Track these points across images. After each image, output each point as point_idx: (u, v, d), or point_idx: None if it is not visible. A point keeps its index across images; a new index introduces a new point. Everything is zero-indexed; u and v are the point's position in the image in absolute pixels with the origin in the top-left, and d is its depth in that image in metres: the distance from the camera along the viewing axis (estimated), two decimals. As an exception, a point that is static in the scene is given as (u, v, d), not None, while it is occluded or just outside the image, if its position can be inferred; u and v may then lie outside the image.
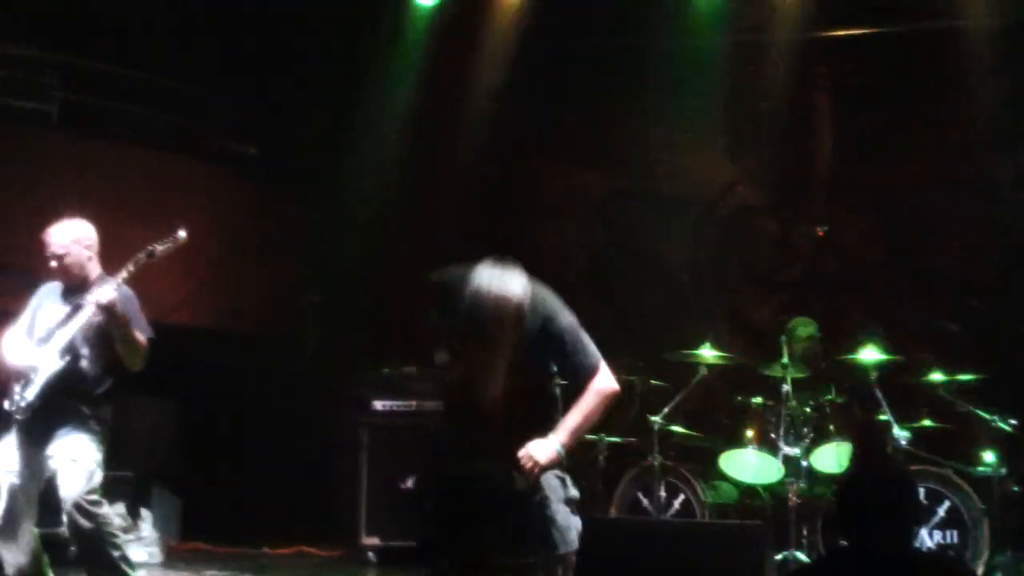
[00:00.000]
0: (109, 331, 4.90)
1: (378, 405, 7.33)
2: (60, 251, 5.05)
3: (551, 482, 4.51)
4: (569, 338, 4.37)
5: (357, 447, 7.31)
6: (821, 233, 7.26)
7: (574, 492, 4.69)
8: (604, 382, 4.39)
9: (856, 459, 5.84)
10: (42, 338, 4.99)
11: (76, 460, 4.83)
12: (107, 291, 4.80)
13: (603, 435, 6.59)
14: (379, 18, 8.59)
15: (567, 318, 4.40)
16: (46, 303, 5.12)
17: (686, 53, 8.39)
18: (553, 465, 4.30)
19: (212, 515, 8.10)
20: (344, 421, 7.64)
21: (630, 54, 8.64)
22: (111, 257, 5.14)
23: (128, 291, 4.98)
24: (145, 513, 7.45)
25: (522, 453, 4.29)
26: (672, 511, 6.41)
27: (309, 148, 9.14)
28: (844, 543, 5.78)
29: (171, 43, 8.30)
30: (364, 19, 8.57)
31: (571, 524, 4.49)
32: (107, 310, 4.79)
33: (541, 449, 4.27)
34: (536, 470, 4.25)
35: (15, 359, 4.97)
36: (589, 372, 4.37)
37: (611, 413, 6.66)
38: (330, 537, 7.69)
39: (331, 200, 8.82)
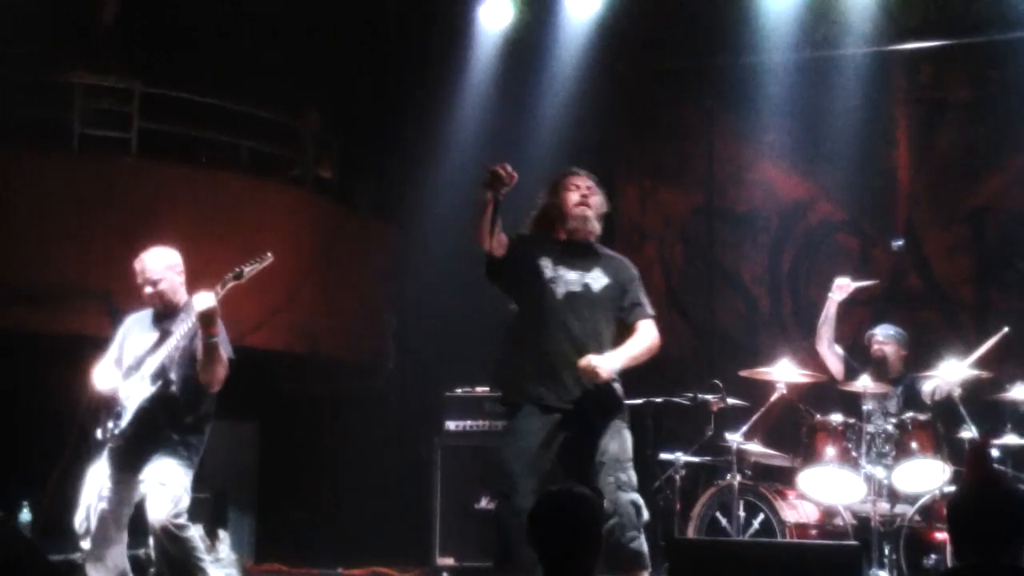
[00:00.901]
0: (196, 347, 4.94)
1: (451, 425, 7.34)
2: (156, 277, 5.10)
3: (628, 510, 4.71)
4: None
5: (430, 467, 7.32)
6: (895, 248, 7.15)
7: (646, 516, 4.76)
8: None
9: (968, 477, 5.68)
10: (132, 366, 5.07)
11: (165, 484, 4.91)
12: (207, 298, 4.83)
13: (680, 454, 6.55)
14: (452, 42, 8.64)
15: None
16: (133, 333, 5.19)
17: (760, 69, 8.37)
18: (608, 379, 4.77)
19: (287, 536, 8.18)
20: (417, 441, 7.67)
21: (706, 73, 8.63)
22: (191, 282, 5.20)
23: None
24: (223, 534, 7.54)
25: (583, 363, 4.71)
26: (751, 531, 6.33)
27: (388, 172, 9.23)
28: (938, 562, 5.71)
29: (249, 69, 8.41)
30: (439, 43, 8.64)
31: (645, 550, 4.77)
32: (206, 317, 4.83)
33: (602, 361, 4.72)
34: (593, 377, 4.72)
35: (108, 388, 5.05)
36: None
37: (688, 432, 6.73)
38: (405, 557, 7.70)
39: (409, 223, 8.88)
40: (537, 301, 4.89)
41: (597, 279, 4.96)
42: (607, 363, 4.77)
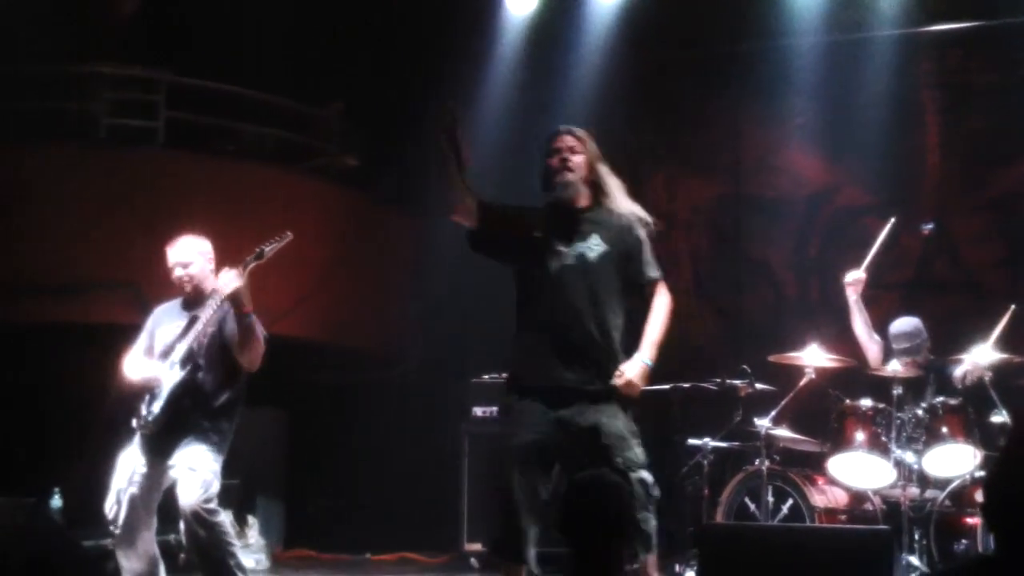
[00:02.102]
0: (226, 331, 4.95)
1: (478, 412, 7.34)
2: (187, 259, 5.12)
3: (637, 490, 4.50)
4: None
5: (458, 454, 7.34)
6: (926, 232, 7.08)
7: (657, 494, 4.65)
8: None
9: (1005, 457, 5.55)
10: (162, 353, 5.10)
11: (195, 469, 4.93)
12: (232, 278, 4.86)
13: (708, 440, 6.53)
14: (477, 30, 8.62)
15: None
16: (163, 322, 5.21)
17: (786, 54, 8.32)
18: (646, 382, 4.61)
19: (316, 522, 8.21)
20: (445, 428, 7.69)
21: (730, 58, 8.59)
22: (217, 272, 5.21)
23: None
24: (252, 520, 7.58)
25: (620, 382, 4.53)
26: (780, 516, 6.29)
27: (413, 160, 9.21)
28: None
29: (274, 58, 8.43)
30: (463, 30, 8.62)
31: (653, 531, 4.59)
32: (235, 297, 4.85)
33: (635, 371, 4.54)
34: (636, 392, 4.56)
35: (142, 376, 5.08)
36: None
37: (716, 418, 6.70)
38: (433, 543, 7.73)
39: (433, 211, 8.86)
40: (531, 276, 4.63)
41: (593, 248, 4.62)
42: (639, 367, 4.56)
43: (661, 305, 4.73)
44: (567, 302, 4.57)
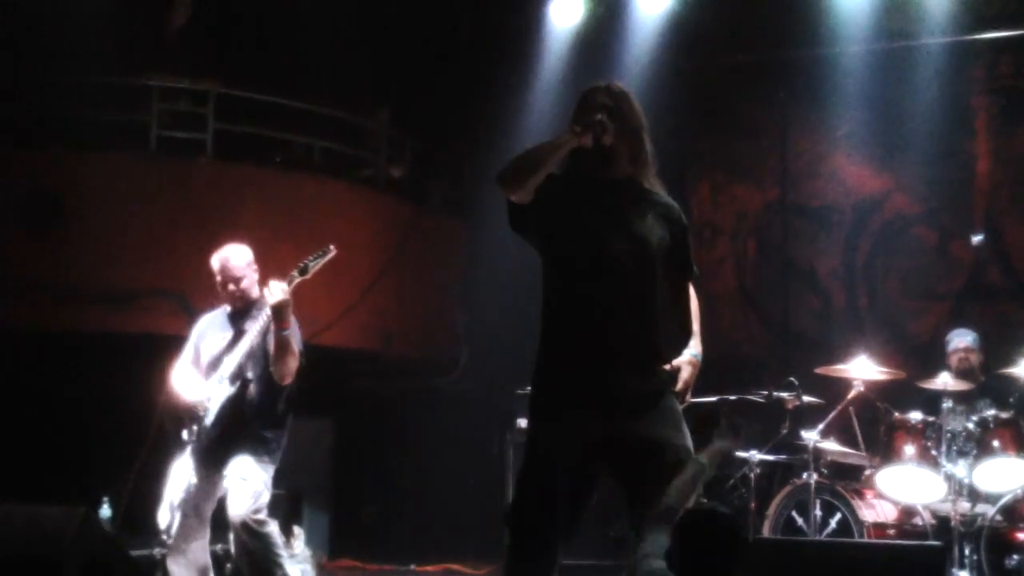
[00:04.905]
0: (269, 342, 4.98)
1: (522, 422, 7.32)
2: (239, 274, 5.13)
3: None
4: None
5: (503, 464, 7.33)
6: (976, 243, 7.00)
7: None
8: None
9: None
10: (210, 364, 5.13)
11: (246, 480, 4.96)
12: (279, 291, 4.88)
13: (755, 452, 6.48)
14: (523, 40, 8.63)
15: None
16: (208, 333, 5.23)
17: (835, 62, 8.27)
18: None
19: (361, 532, 8.23)
20: (490, 438, 7.68)
21: (778, 66, 8.54)
22: (263, 282, 5.22)
23: None
24: (298, 530, 7.60)
25: (682, 385, 3.84)
26: (828, 530, 6.24)
27: (459, 169, 9.25)
28: None
29: (322, 69, 8.48)
30: (509, 41, 8.64)
31: None
32: (279, 310, 4.87)
33: (692, 371, 3.86)
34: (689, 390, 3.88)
35: (189, 391, 5.11)
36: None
37: (763, 430, 6.65)
38: (477, 554, 7.73)
39: (481, 220, 8.89)
40: (575, 260, 3.75)
41: (654, 230, 3.78)
42: (695, 366, 3.89)
43: (694, 298, 4.01)
44: (626, 292, 3.73)
